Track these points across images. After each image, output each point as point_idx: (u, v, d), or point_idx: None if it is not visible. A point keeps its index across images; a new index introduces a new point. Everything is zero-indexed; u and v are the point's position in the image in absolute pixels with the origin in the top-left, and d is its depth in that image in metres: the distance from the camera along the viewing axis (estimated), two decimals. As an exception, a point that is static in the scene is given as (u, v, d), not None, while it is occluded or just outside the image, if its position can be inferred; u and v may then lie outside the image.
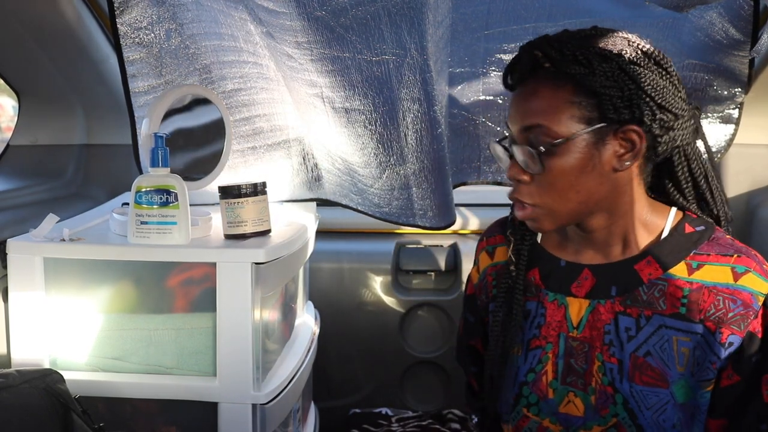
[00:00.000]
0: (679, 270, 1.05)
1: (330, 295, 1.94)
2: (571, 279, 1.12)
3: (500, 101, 1.56)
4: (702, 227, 1.08)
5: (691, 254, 1.05)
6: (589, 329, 1.09)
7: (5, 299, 1.23)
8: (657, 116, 1.01)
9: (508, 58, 1.49)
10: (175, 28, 1.37)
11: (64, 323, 1.22)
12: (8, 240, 1.21)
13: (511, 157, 1.05)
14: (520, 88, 1.05)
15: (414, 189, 1.49)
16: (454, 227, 1.59)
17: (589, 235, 1.10)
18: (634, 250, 1.08)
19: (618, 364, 1.06)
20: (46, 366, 1.21)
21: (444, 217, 1.54)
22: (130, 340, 1.22)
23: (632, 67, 1.00)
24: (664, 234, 1.08)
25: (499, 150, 1.10)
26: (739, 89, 1.45)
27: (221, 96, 1.44)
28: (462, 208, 2.02)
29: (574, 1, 1.44)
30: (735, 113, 1.50)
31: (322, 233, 1.69)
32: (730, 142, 1.54)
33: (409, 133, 1.40)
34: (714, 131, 1.53)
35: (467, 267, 1.95)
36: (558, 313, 1.12)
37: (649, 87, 1.00)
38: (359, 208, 1.62)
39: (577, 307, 1.10)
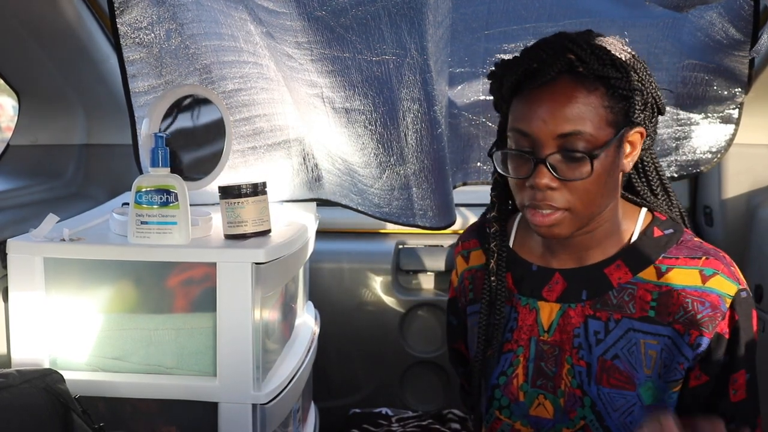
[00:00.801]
0: (648, 274, 1.06)
1: (330, 295, 1.94)
2: (542, 283, 1.12)
3: (500, 101, 1.55)
4: (670, 230, 1.09)
5: (660, 258, 1.06)
6: (560, 333, 1.09)
7: (5, 299, 1.23)
8: (654, 116, 1.05)
9: (508, 57, 1.49)
10: (175, 28, 1.37)
11: (64, 323, 1.22)
12: (8, 240, 1.21)
13: (537, 163, 0.99)
14: (541, 93, 0.99)
15: (414, 189, 1.49)
16: (454, 227, 1.59)
17: (570, 240, 1.08)
18: (606, 253, 1.09)
19: (586, 367, 1.06)
20: (46, 366, 1.21)
21: (444, 217, 1.54)
22: (130, 340, 1.22)
23: (644, 71, 1.03)
24: (634, 238, 1.09)
25: (499, 157, 1.05)
26: (739, 89, 1.45)
27: (221, 96, 1.44)
28: (462, 208, 2.02)
29: (574, 1, 1.44)
30: (735, 113, 1.50)
31: (322, 233, 1.69)
32: (730, 142, 1.54)
33: (409, 133, 1.40)
34: (714, 131, 1.53)
35: (467, 267, 1.95)
36: (530, 317, 1.12)
37: (654, 90, 1.03)
38: (359, 208, 1.62)
39: (548, 311, 1.11)
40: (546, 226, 1.02)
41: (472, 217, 2.04)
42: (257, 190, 1.25)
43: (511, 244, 1.18)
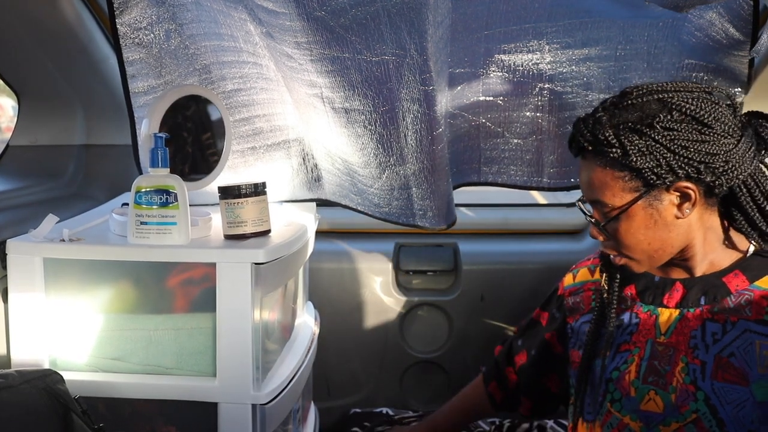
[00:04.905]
0: (765, 282, 1.15)
1: (330, 295, 1.94)
2: (663, 292, 1.22)
3: (500, 102, 1.55)
4: None
5: None
6: (676, 335, 1.18)
7: (5, 299, 1.23)
8: (702, 170, 1.10)
9: (508, 58, 1.50)
10: (175, 28, 1.37)
11: (64, 323, 1.22)
12: (8, 240, 1.21)
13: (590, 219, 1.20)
14: (580, 161, 1.19)
15: (414, 189, 1.49)
16: (454, 227, 1.59)
17: (675, 263, 1.21)
18: (721, 265, 1.18)
19: (701, 365, 1.14)
20: (46, 366, 1.21)
21: (444, 217, 1.54)
22: (130, 340, 1.22)
23: (667, 134, 1.08)
24: (750, 251, 1.18)
25: (583, 212, 1.23)
26: (739, 89, 1.44)
27: (221, 96, 1.44)
28: (462, 208, 2.02)
29: (574, 1, 1.44)
30: (735, 113, 1.50)
31: (322, 233, 1.69)
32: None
33: (409, 134, 1.40)
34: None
35: (467, 267, 1.95)
36: (649, 322, 1.22)
37: (687, 150, 1.08)
38: (359, 208, 1.62)
39: (667, 316, 1.20)
40: (620, 264, 1.21)
41: (472, 217, 2.04)
42: (257, 190, 1.25)
43: None
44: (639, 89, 1.14)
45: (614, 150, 1.11)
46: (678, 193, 1.12)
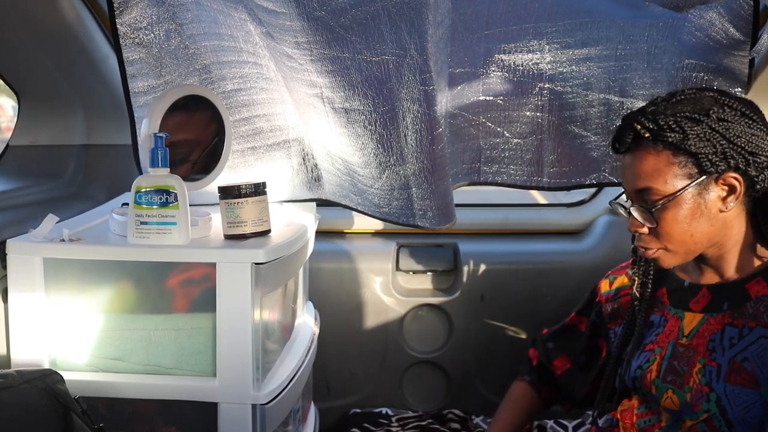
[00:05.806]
0: None
1: (330, 295, 1.94)
2: (691, 296, 1.27)
3: (500, 101, 1.55)
4: None
5: None
6: (697, 338, 1.23)
7: (5, 299, 1.23)
8: (750, 161, 1.15)
9: (508, 57, 1.50)
10: (175, 28, 1.37)
11: (64, 323, 1.22)
12: (8, 240, 1.21)
13: (629, 213, 1.22)
14: (628, 155, 1.22)
15: (414, 189, 1.49)
16: (454, 227, 1.59)
17: (705, 261, 1.25)
18: (747, 271, 1.23)
19: (717, 367, 1.19)
20: (46, 366, 1.21)
21: (444, 218, 1.54)
22: (130, 340, 1.22)
23: (721, 124, 1.15)
24: None
25: (618, 207, 1.26)
26: (739, 89, 1.45)
27: (221, 96, 1.44)
28: (462, 208, 2.01)
29: (574, 1, 1.44)
30: (735, 113, 1.50)
31: (322, 233, 1.69)
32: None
33: (409, 134, 1.40)
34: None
35: (467, 267, 1.95)
36: (675, 325, 1.27)
37: (739, 139, 1.15)
38: (359, 208, 1.61)
39: (690, 319, 1.25)
40: (651, 258, 1.24)
41: (472, 217, 2.04)
42: (257, 190, 1.25)
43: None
44: (688, 89, 1.21)
45: (674, 134, 1.15)
46: (726, 186, 1.17)
